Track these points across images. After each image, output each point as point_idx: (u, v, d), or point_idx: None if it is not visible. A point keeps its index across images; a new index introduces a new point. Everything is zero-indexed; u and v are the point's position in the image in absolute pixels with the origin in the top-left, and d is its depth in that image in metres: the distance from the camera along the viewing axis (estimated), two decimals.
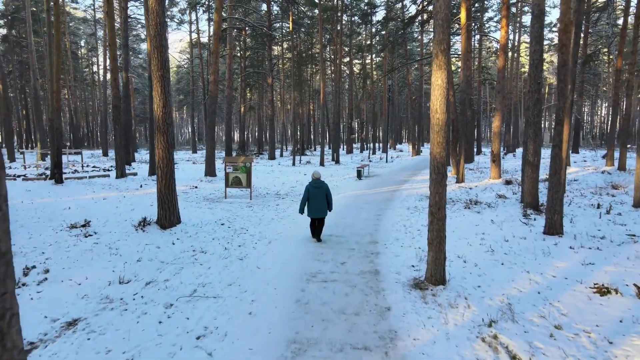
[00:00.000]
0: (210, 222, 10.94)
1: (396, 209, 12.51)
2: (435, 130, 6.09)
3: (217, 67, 18.57)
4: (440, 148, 6.07)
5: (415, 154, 38.74)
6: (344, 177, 21.58)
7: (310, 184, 8.96)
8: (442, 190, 6.14)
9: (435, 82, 6.03)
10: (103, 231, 9.51)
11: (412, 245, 8.58)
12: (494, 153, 19.00)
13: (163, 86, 9.51)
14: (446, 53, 5.95)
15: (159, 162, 9.77)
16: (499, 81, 19.11)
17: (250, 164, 14.66)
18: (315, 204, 8.85)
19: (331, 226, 10.40)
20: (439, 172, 6.11)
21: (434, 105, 6.09)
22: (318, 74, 51.72)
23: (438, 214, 6.17)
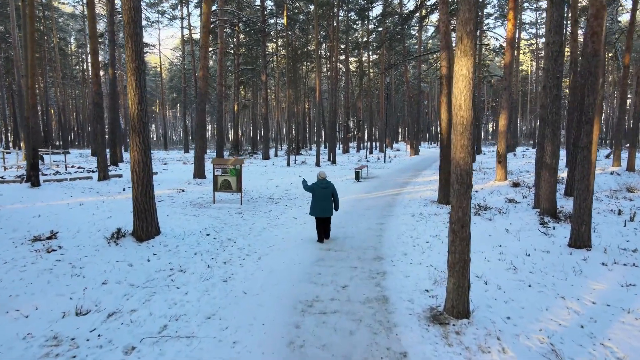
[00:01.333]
0: (195, 232, 9.81)
1: (400, 216, 11.42)
2: (458, 130, 4.99)
3: (207, 62, 17.40)
4: (464, 152, 4.98)
5: (414, 154, 37.72)
6: (342, 178, 20.48)
7: (317, 184, 8.85)
8: (466, 204, 5.04)
9: (459, 72, 4.93)
10: (70, 245, 8.36)
11: (423, 262, 7.49)
12: (499, 153, 17.97)
13: (138, 80, 8.36)
14: (473, 36, 4.85)
15: (134, 166, 8.62)
16: (506, 77, 18.07)
17: (240, 167, 13.52)
18: (321, 204, 8.77)
19: (330, 238, 9.28)
20: (462, 182, 5.01)
21: (457, 100, 4.99)
22: (313, 71, 50.58)
23: (461, 233, 5.07)
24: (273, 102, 57.67)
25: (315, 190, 8.82)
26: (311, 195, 9.74)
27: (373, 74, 50.80)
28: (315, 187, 8.84)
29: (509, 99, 18.27)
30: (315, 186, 8.85)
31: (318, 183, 8.86)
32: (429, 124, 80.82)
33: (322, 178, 8.94)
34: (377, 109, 60.87)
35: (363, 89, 50.29)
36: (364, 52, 49.00)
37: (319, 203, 8.78)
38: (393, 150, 48.38)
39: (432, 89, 74.14)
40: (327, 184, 8.89)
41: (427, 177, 20.67)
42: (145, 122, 8.55)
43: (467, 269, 5.14)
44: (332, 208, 8.96)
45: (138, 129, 8.46)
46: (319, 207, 8.79)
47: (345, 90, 47.18)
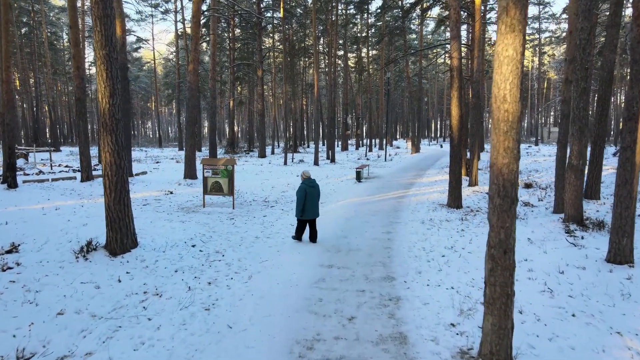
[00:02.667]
0: (179, 242, 8.67)
1: (408, 223, 10.30)
2: (500, 129, 3.87)
3: (198, 54, 16.22)
4: (509, 157, 3.86)
5: (415, 152, 36.60)
6: (341, 178, 19.35)
7: (306, 184, 8.42)
8: (510, 223, 3.93)
9: (502, 53, 3.81)
10: (31, 261, 7.21)
11: (442, 283, 6.38)
12: None
13: (109, 69, 7.20)
14: (523, 5, 3.72)
15: (105, 170, 7.48)
16: None
17: (232, 167, 12.38)
18: (311, 205, 8.44)
19: (331, 251, 8.16)
20: (506, 195, 3.90)
21: (499, 90, 3.87)
22: (311, 67, 49.39)
23: (503, 261, 3.96)
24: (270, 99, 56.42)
25: (307, 192, 8.38)
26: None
27: (372, 70, 49.61)
28: (307, 188, 8.39)
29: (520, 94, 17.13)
30: (305, 187, 8.39)
31: (307, 183, 8.44)
32: (429, 121, 79.74)
33: (308, 177, 8.56)
34: (376, 106, 59.79)
35: (362, 85, 49.12)
36: (363, 47, 47.81)
37: (310, 204, 8.42)
38: (393, 148, 47.28)
39: (432, 85, 73.08)
40: (314, 182, 8.58)
41: (431, 177, 19.57)
42: (118, 118, 7.40)
43: (511, 306, 4.04)
44: (319, 208, 8.78)
45: (110, 126, 7.31)
46: (310, 209, 8.46)
47: (343, 87, 46.01)
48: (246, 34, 39.62)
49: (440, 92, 78.14)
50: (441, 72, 76.42)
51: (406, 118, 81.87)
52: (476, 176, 16.37)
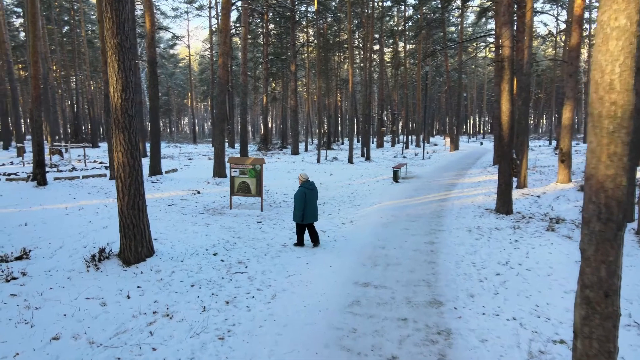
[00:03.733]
0: (199, 250, 7.95)
1: (453, 232, 9.20)
2: (604, 128, 2.83)
3: (227, 47, 15.55)
4: (616, 167, 2.82)
5: (454, 149, 34.96)
6: (377, 178, 18.31)
7: (305, 187, 8.07)
8: (614, 257, 2.90)
9: (610, 23, 2.76)
10: (39, 270, 6.64)
11: (501, 312, 5.32)
12: (562, 151, 15.36)
13: (121, 60, 6.50)
14: None
15: (118, 171, 6.81)
16: (571, 62, 15.39)
17: (261, 167, 11.61)
18: (311, 209, 8.10)
19: (367, 264, 7.21)
20: (610, 218, 2.86)
21: (603, 74, 2.83)
22: (346, 62, 48.27)
23: (604, 307, 2.93)
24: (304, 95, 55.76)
25: (306, 195, 8.01)
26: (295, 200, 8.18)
27: (409, 65, 47.99)
28: (307, 192, 8.03)
29: (575, 87, 15.59)
30: (304, 190, 8.03)
31: (307, 186, 8.09)
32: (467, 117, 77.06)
33: (306, 179, 8.22)
34: (413, 101, 57.96)
35: (398, 81, 47.61)
36: (399, 41, 46.28)
37: (310, 208, 8.08)
38: (430, 145, 45.62)
39: (471, 80, 70.46)
40: (313, 185, 8.24)
41: (474, 177, 18.23)
42: (131, 114, 6.70)
43: None
44: (317, 211, 8.47)
45: (122, 123, 6.62)
46: (310, 213, 8.11)
47: (379, 82, 44.64)
48: (280, 29, 38.96)
49: (480, 87, 75.34)
50: (481, 66, 73.67)
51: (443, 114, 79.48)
52: (525, 177, 14.98)
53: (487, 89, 69.31)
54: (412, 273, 6.69)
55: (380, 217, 10.57)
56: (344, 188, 15.78)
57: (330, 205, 12.65)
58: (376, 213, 11.14)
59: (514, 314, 5.23)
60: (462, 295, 5.81)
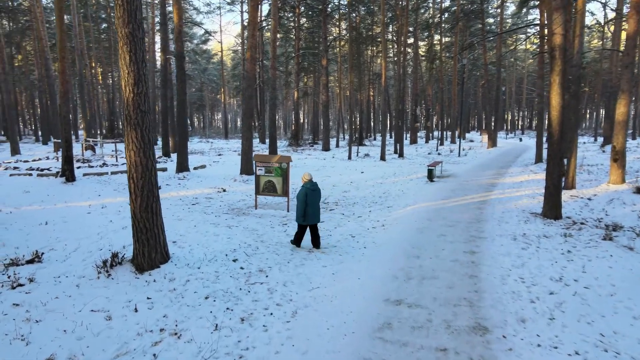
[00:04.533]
0: (219, 255, 7.42)
1: (496, 239, 8.32)
2: None
3: (255, 40, 15.02)
4: None
5: (492, 146, 33.43)
6: (411, 176, 17.42)
7: (307, 188, 7.75)
8: None
9: None
10: (48, 275, 6.26)
11: (560, 343, 4.50)
12: (615, 149, 14.05)
13: (133, 51, 6.00)
14: None
15: (130, 171, 6.33)
16: (628, 52, 14.03)
17: (287, 165, 11.01)
18: (313, 209, 7.77)
19: (399, 277, 6.47)
20: None
21: None
22: (379, 56, 47.15)
23: None
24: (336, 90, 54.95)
25: (308, 196, 7.68)
26: (297, 200, 7.87)
27: (445, 58, 46.37)
28: (309, 192, 7.69)
29: (632, 79, 14.22)
30: (306, 190, 7.70)
31: (309, 186, 7.78)
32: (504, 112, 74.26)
33: (309, 180, 7.91)
34: (448, 96, 56.17)
35: (433, 75, 46.11)
36: (435, 33, 44.77)
37: (312, 209, 7.75)
38: (466, 141, 43.97)
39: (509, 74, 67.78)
40: (316, 186, 7.93)
41: (515, 176, 17.06)
42: (144, 110, 6.19)
43: None
44: (320, 212, 8.14)
45: (134, 120, 6.13)
46: (312, 214, 7.78)
47: (413, 76, 43.35)
48: (312, 22, 38.33)
49: (519, 81, 72.48)
50: (520, 59, 70.76)
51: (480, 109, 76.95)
52: (574, 178, 13.80)
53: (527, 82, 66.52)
54: (451, 289, 5.91)
55: (415, 221, 9.78)
56: (376, 187, 15.01)
57: (361, 207, 11.93)
58: (410, 216, 10.34)
59: (575, 347, 4.40)
60: (512, 320, 5.01)
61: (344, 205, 12.06)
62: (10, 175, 16.41)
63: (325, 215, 10.83)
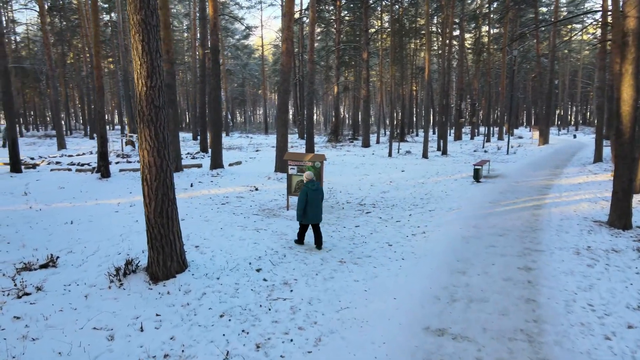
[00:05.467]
0: (242, 263, 6.82)
1: (556, 253, 7.26)
2: None
3: (291, 32, 14.35)
4: None
5: (543, 143, 31.37)
6: (455, 176, 16.29)
7: (309, 187, 7.66)
8: None
9: None
10: (60, 282, 5.86)
11: None
12: None
13: (145, 40, 5.44)
14: None
15: (144, 172, 5.80)
16: None
17: (321, 164, 10.29)
18: (314, 209, 7.68)
19: (442, 298, 5.60)
20: None
21: None
22: (422, 50, 45.52)
23: None
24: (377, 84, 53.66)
25: (309, 195, 7.59)
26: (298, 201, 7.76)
27: (492, 50, 44.10)
28: (308, 191, 7.59)
29: None
30: (306, 190, 7.61)
31: (309, 186, 7.68)
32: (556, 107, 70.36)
33: (310, 179, 7.82)
34: (495, 90, 53.62)
35: (480, 68, 43.99)
36: (482, 24, 42.63)
37: (312, 208, 7.65)
38: (514, 138, 41.72)
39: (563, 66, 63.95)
40: (317, 185, 7.80)
41: (572, 177, 15.58)
42: (158, 105, 5.63)
43: None
44: (322, 212, 7.97)
45: (147, 116, 5.58)
46: (312, 213, 7.67)
47: (458, 69, 41.48)
48: (353, 15, 37.35)
49: (573, 74, 68.38)
50: (575, 50, 66.67)
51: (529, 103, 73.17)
52: None
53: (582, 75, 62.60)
54: (505, 317, 5.00)
55: (460, 228, 8.82)
56: (417, 188, 14.04)
57: (400, 209, 11.04)
58: (454, 222, 9.38)
59: None
60: None
61: (382, 208, 11.21)
62: (51, 170, 16.63)
63: (361, 218, 10.04)
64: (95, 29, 13.31)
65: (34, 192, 12.24)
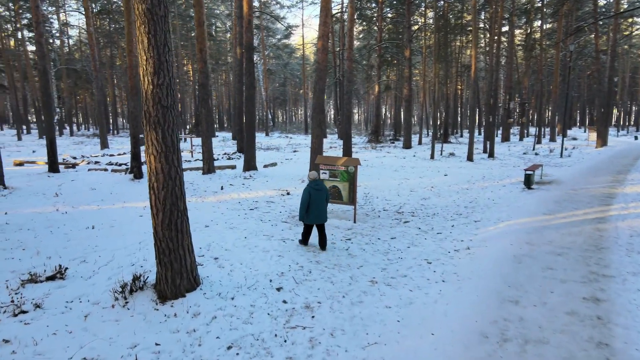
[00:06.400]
0: (261, 280, 6.15)
1: (629, 280, 6.11)
2: None
3: (328, 28, 13.61)
4: None
5: (601, 145, 29.06)
6: (503, 182, 15.03)
7: (311, 187, 7.51)
8: None
9: None
10: (63, 297, 5.41)
11: None
12: None
13: (152, 32, 4.84)
14: None
15: (150, 180, 5.23)
16: None
17: (355, 169, 9.49)
18: (317, 209, 7.53)
19: (491, 336, 4.68)
20: None
21: None
22: (468, 47, 43.60)
23: None
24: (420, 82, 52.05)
25: (311, 195, 7.47)
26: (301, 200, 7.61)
27: (545, 46, 41.58)
28: (311, 191, 7.47)
29: None
30: (309, 189, 7.47)
31: (313, 185, 7.53)
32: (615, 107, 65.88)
33: (314, 179, 7.63)
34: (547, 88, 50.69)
35: (530, 65, 41.58)
36: (534, 19, 40.26)
37: (315, 208, 7.51)
38: (568, 139, 39.14)
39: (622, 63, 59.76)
40: (321, 185, 7.63)
41: (639, 184, 13.94)
42: (166, 105, 5.03)
43: None
44: (326, 213, 7.80)
45: (154, 117, 4.99)
46: (315, 213, 7.53)
47: (506, 67, 39.38)
48: (395, 12, 36.17)
49: (633, 71, 63.89)
50: (636, 46, 62.14)
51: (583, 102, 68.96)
52: None
53: None
54: None
55: (510, 244, 7.77)
56: (461, 194, 12.96)
57: (442, 219, 10.07)
58: (504, 236, 8.32)
59: None
60: None
61: (422, 217, 10.27)
62: (88, 170, 16.73)
63: (398, 229, 9.16)
64: (128, 27, 13.09)
65: (65, 193, 12.16)
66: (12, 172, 15.68)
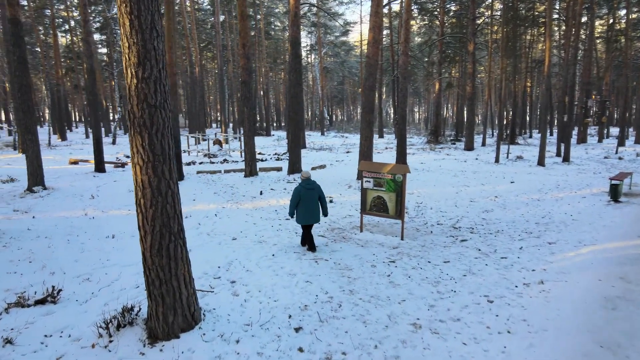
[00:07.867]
0: (279, 316, 5.07)
1: None
2: None
3: (379, 19, 12.28)
4: None
5: None
6: (582, 192, 12.97)
7: (302, 186, 7.25)
8: None
9: None
10: (45, 329, 4.63)
11: None
12: None
13: (135, 12, 3.86)
14: None
15: (137, 195, 4.29)
16: None
17: (403, 177, 8.16)
18: (307, 209, 7.26)
19: None
20: None
21: None
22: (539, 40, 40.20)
23: None
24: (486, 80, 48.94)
25: (301, 194, 7.22)
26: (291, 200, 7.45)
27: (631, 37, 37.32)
28: (302, 191, 7.23)
29: None
30: (299, 188, 7.25)
31: (304, 185, 7.26)
32: None
33: (306, 178, 7.37)
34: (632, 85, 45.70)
35: (613, 59, 37.51)
36: (618, 8, 36.23)
37: (305, 208, 7.26)
38: None
39: None
40: (313, 184, 7.33)
41: None
42: (153, 104, 4.04)
43: None
44: (319, 214, 7.48)
45: (139, 119, 4.02)
46: (305, 213, 7.28)
47: (583, 62, 35.69)
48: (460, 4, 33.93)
49: None
50: None
51: None
52: None
53: None
54: None
55: (598, 279, 6.12)
56: (531, 207, 11.17)
57: (507, 238, 8.48)
58: (588, 268, 6.64)
59: None
60: None
61: (483, 235, 8.73)
62: None
63: (453, 250, 7.73)
64: (168, 24, 12.53)
65: (102, 195, 11.80)
66: (63, 171, 15.78)
